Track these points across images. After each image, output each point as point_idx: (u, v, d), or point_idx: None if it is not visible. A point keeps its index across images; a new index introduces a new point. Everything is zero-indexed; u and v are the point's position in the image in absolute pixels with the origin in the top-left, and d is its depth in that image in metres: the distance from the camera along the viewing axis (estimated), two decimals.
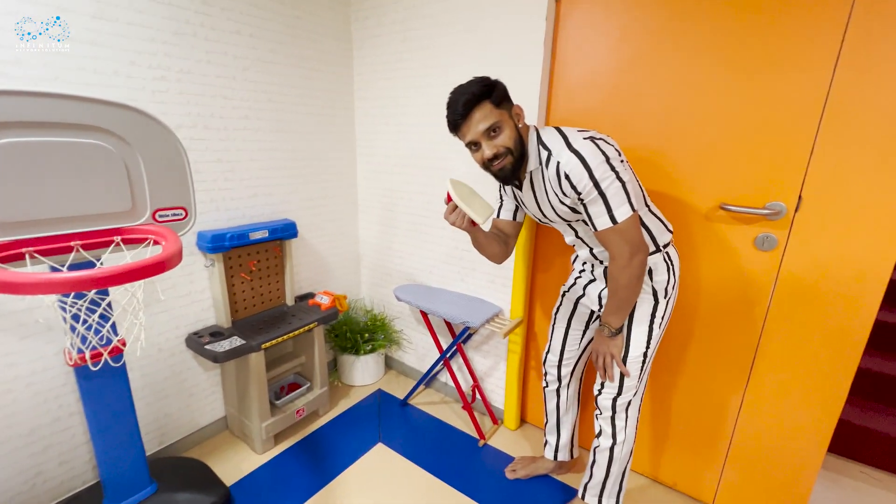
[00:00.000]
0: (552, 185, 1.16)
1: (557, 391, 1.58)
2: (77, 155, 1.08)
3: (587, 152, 1.07)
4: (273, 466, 1.77)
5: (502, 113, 1.13)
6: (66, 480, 1.51)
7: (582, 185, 1.07)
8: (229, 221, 1.81)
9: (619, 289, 1.17)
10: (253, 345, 1.67)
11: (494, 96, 1.11)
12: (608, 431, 1.35)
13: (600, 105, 1.51)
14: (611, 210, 1.08)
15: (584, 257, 1.37)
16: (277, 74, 1.86)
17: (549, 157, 1.14)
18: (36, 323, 1.35)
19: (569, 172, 1.08)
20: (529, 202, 1.29)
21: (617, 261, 1.13)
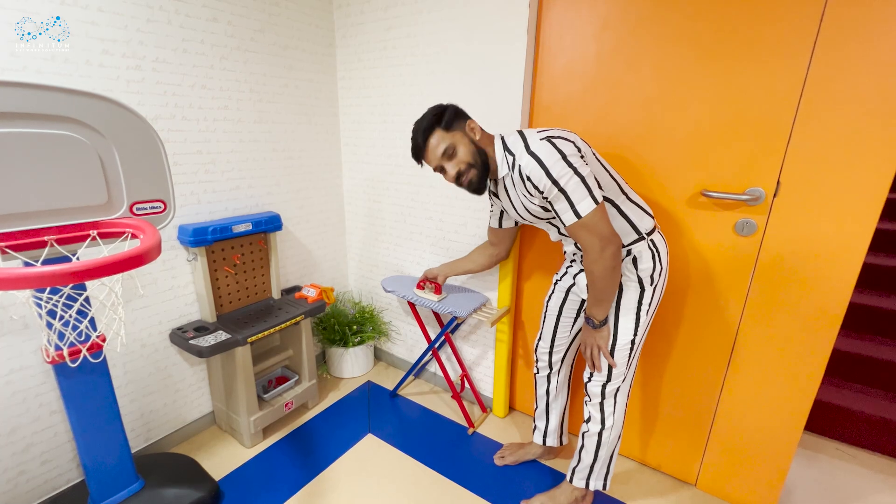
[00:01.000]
0: (519, 187, 1.22)
1: (548, 377, 1.61)
2: (48, 147, 1.04)
3: (543, 153, 1.12)
4: (262, 460, 1.76)
5: (454, 134, 1.25)
6: (50, 479, 1.49)
7: (542, 184, 1.13)
8: (211, 214, 1.78)
9: (595, 281, 1.20)
10: (239, 339, 1.66)
11: (444, 122, 1.24)
12: (597, 417, 1.37)
13: (582, 94, 1.51)
14: (573, 205, 1.12)
15: (569, 250, 1.40)
16: (258, 63, 1.82)
17: (514, 162, 1.20)
18: (11, 320, 1.32)
19: (529, 174, 1.14)
20: (508, 206, 1.37)
21: (589, 254, 1.16)
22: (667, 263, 1.29)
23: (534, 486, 1.64)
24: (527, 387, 2.02)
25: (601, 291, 1.21)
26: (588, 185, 1.11)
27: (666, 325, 1.54)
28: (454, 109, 1.27)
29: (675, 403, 1.60)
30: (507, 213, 1.42)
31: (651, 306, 1.28)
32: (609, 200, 1.22)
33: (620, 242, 1.16)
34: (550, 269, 1.77)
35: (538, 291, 1.84)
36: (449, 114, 1.25)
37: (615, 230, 1.16)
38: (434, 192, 1.97)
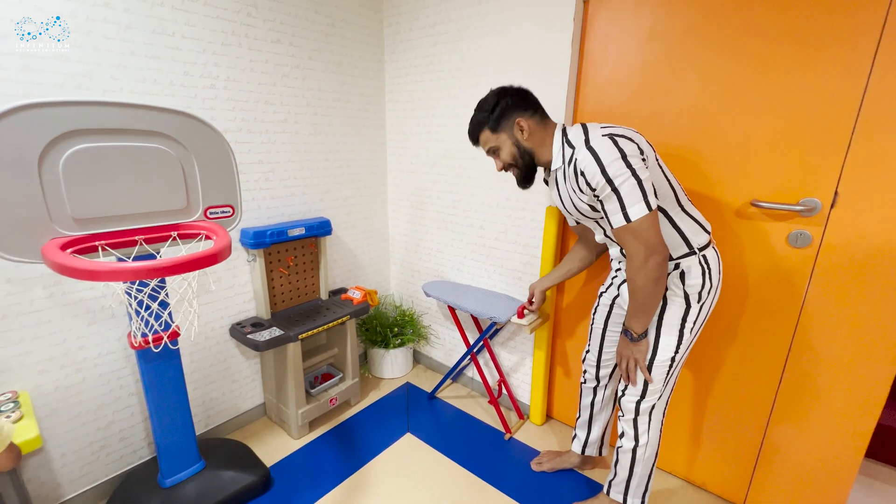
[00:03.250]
0: (571, 181, 1.18)
1: (594, 389, 1.57)
2: (141, 158, 1.19)
3: (602, 149, 1.07)
4: (308, 451, 1.87)
5: (499, 136, 1.27)
6: (126, 455, 1.66)
7: (595, 181, 1.09)
8: (269, 219, 1.92)
9: (636, 290, 1.15)
10: (291, 335, 1.78)
11: (491, 123, 1.26)
12: (630, 433, 1.34)
13: (627, 103, 1.52)
14: (624, 208, 1.07)
15: (614, 255, 1.35)
16: (314, 80, 1.96)
17: (572, 155, 1.15)
18: (102, 310, 1.49)
19: (583, 169, 1.10)
20: (555, 198, 1.34)
21: (632, 261, 1.12)
22: (718, 281, 1.23)
23: (570, 495, 1.63)
24: (565, 396, 2.02)
25: (641, 303, 1.16)
26: (644, 190, 1.06)
27: (716, 338, 1.50)
28: (506, 105, 1.24)
29: (724, 420, 1.55)
30: (555, 205, 1.41)
31: (696, 324, 1.22)
32: (662, 210, 1.17)
33: (667, 254, 1.11)
34: (592, 277, 1.78)
35: (579, 300, 1.85)
36: (499, 112, 1.24)
37: (663, 241, 1.11)
38: (475, 201, 2.03)
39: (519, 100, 1.25)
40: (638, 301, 1.17)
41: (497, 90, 1.27)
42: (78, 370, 1.48)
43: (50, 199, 1.07)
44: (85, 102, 1.08)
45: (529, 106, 1.25)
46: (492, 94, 1.27)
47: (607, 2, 1.50)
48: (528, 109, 1.25)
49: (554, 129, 1.26)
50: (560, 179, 1.26)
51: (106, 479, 1.61)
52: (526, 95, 1.26)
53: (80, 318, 1.45)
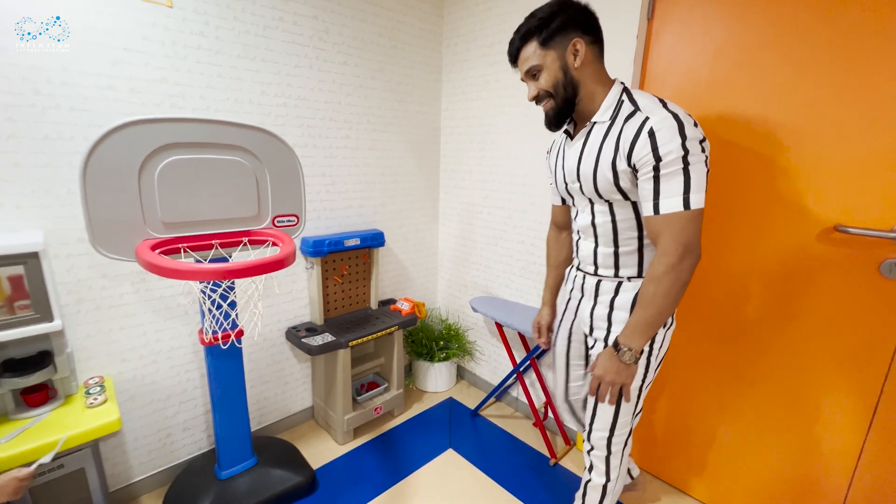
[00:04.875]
0: (622, 141, 0.99)
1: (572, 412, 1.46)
2: (222, 169, 1.31)
3: (689, 122, 0.94)
4: (352, 457, 1.90)
5: (547, 53, 1.03)
6: (187, 445, 1.77)
7: (668, 149, 0.92)
8: (327, 229, 2.02)
9: (656, 295, 0.98)
10: (342, 342, 1.84)
11: (545, 34, 1.02)
12: (601, 469, 1.25)
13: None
14: (688, 192, 0.92)
15: (581, 258, 1.21)
16: (375, 98, 2.06)
17: (632, 113, 0.99)
18: (177, 307, 1.62)
19: (658, 130, 0.93)
20: (570, 156, 1.14)
21: (664, 258, 0.96)
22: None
23: None
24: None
25: (658, 312, 0.99)
26: (706, 181, 0.96)
27: (798, 376, 1.38)
28: (567, 19, 1.01)
29: (802, 468, 1.41)
30: (560, 166, 1.19)
31: (662, 349, 1.13)
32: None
33: (699, 259, 0.99)
34: None
35: None
36: (558, 23, 1.01)
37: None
38: (527, 217, 2.02)
39: (583, 17, 1.03)
40: (654, 309, 0.99)
41: (554, 2, 1.03)
42: (154, 361, 1.61)
43: (145, 204, 1.19)
44: (179, 119, 1.21)
45: (592, 30, 1.04)
46: (552, 4, 1.03)
47: (673, 18, 1.47)
48: (590, 34, 1.03)
49: (610, 80, 1.08)
50: (594, 137, 1.06)
51: (169, 466, 1.72)
52: (590, 15, 1.04)
53: (159, 314, 1.59)
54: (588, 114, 1.09)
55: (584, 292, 1.22)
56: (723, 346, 1.50)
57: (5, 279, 1.15)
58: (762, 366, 1.43)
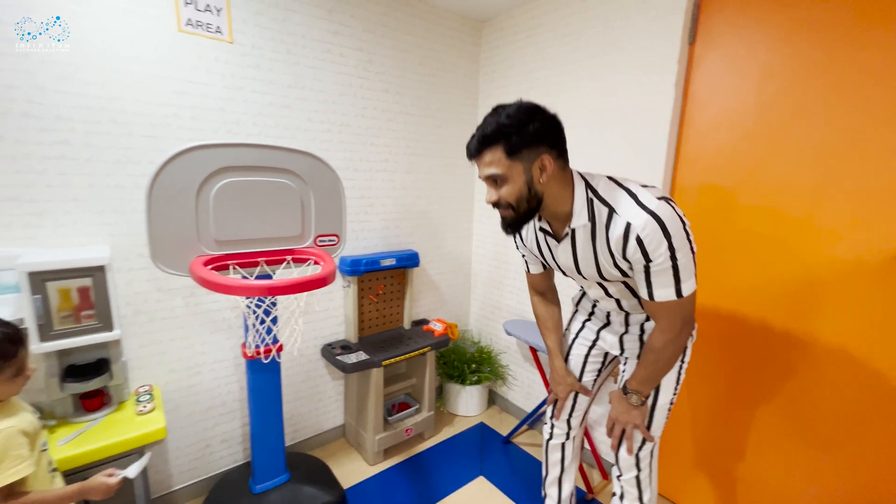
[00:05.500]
0: (613, 246, 1.00)
1: (563, 445, 1.47)
2: (270, 190, 1.38)
3: (667, 217, 0.94)
4: (382, 479, 1.88)
5: (513, 165, 0.96)
6: (225, 456, 1.81)
7: (658, 252, 0.95)
8: (364, 249, 2.07)
9: (659, 360, 1.10)
10: (375, 360, 1.85)
11: (512, 142, 0.94)
12: (633, 494, 1.23)
13: (735, 145, 1.43)
14: (679, 283, 0.98)
15: (602, 306, 1.27)
16: (414, 124, 2.13)
17: (610, 216, 0.99)
18: (222, 321, 1.70)
19: (644, 237, 0.94)
20: (564, 257, 1.13)
21: (665, 333, 1.06)
22: None
23: None
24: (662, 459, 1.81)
25: (661, 371, 1.12)
26: (695, 263, 1.00)
27: (853, 410, 1.27)
28: (537, 131, 0.95)
29: None
30: (553, 260, 1.18)
31: (686, 362, 1.19)
32: None
33: (694, 325, 1.10)
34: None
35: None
36: (525, 136, 0.94)
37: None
38: None
39: (552, 130, 0.97)
40: (658, 368, 1.12)
41: (528, 106, 0.96)
42: (198, 372, 1.68)
43: (201, 223, 1.27)
44: (235, 144, 1.30)
45: (559, 142, 1.00)
46: (522, 109, 0.96)
47: (717, 42, 1.45)
48: (557, 147, 0.99)
49: (572, 177, 1.04)
50: (581, 239, 1.06)
51: (206, 477, 1.77)
52: (559, 128, 0.99)
53: (205, 327, 1.66)
54: (558, 214, 1.07)
55: (609, 321, 1.29)
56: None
57: (74, 290, 1.25)
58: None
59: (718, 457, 1.60)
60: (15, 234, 1.27)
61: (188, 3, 1.44)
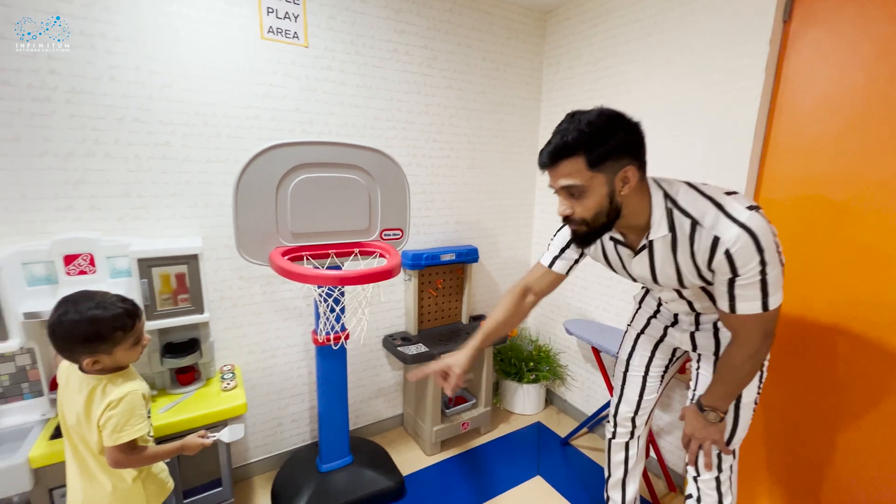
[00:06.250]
0: (698, 259, 0.94)
1: (627, 445, 1.41)
2: (341, 186, 1.45)
3: (760, 229, 0.87)
4: (439, 469, 1.92)
5: (595, 177, 0.90)
6: (293, 436, 1.94)
7: (748, 268, 0.89)
8: (425, 244, 2.11)
9: (738, 377, 1.03)
10: (434, 353, 1.88)
11: (594, 154, 0.88)
12: (713, 497, 1.14)
13: (842, 132, 1.27)
14: (766, 297, 0.91)
15: (672, 307, 1.21)
16: (476, 119, 2.13)
17: (694, 228, 0.93)
18: (294, 308, 1.81)
19: (734, 252, 0.88)
20: (639, 268, 1.07)
21: (745, 348, 0.99)
22: None
23: None
24: None
25: (739, 387, 1.05)
26: (783, 276, 0.93)
27: None
28: (622, 142, 0.89)
29: None
30: (626, 270, 1.13)
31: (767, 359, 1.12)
32: None
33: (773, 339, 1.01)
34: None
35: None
36: (609, 148, 0.88)
37: None
38: None
39: (635, 140, 0.91)
40: (736, 385, 1.05)
41: (611, 113, 0.90)
42: (272, 355, 1.81)
43: (279, 216, 1.37)
44: (311, 143, 1.38)
45: (642, 153, 0.94)
46: (604, 117, 0.89)
47: (818, 18, 1.30)
48: (640, 158, 0.93)
49: (648, 187, 0.98)
50: (661, 251, 1.00)
51: (277, 453, 1.90)
52: (642, 137, 0.93)
53: (279, 314, 1.79)
54: (634, 226, 1.01)
55: (677, 320, 1.24)
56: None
57: (173, 276, 1.40)
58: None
59: (799, 474, 1.45)
60: (127, 225, 1.45)
61: (270, 11, 1.54)
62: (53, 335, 0.94)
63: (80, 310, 0.93)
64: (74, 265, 1.31)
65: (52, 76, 1.27)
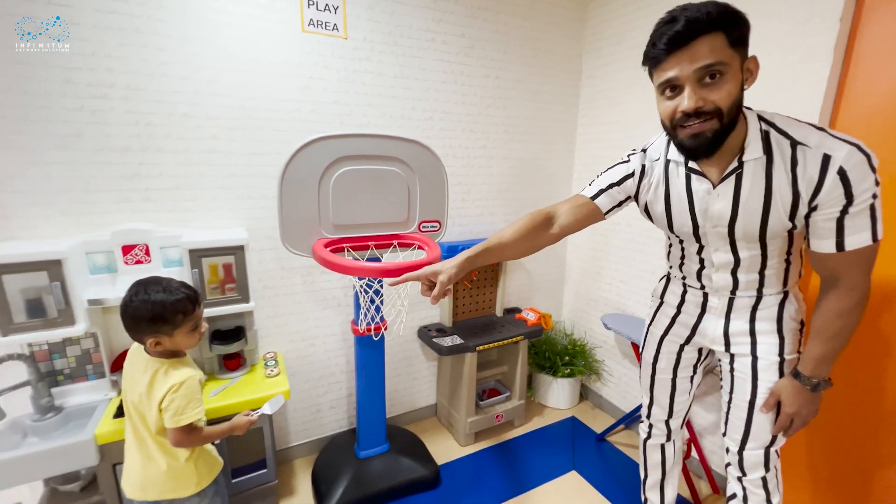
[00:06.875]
0: (802, 185, 0.86)
1: (663, 447, 1.36)
2: (380, 178, 1.45)
3: (868, 150, 0.83)
4: (473, 460, 1.93)
5: (734, 57, 0.81)
6: (331, 422, 1.99)
7: (862, 188, 0.82)
8: (460, 235, 2.10)
9: (846, 328, 0.93)
10: (470, 345, 1.88)
11: (734, 32, 0.80)
12: (760, 496, 1.07)
13: None
14: (876, 223, 0.84)
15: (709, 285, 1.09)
16: (514, 108, 2.09)
17: (795, 148, 0.86)
18: (333, 299, 1.85)
19: (849, 170, 0.81)
20: (720, 205, 0.96)
21: (852, 294, 0.90)
22: None
23: None
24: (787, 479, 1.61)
25: (844, 343, 0.95)
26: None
27: None
28: (749, 26, 0.84)
29: None
30: (674, 220, 1.05)
31: None
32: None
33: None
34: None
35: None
36: (745, 25, 0.83)
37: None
38: None
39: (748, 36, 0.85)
40: (841, 341, 0.95)
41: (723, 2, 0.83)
42: (311, 344, 1.86)
43: (322, 208, 1.39)
44: (353, 135, 1.38)
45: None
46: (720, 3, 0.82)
47: None
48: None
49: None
50: (752, 178, 0.91)
51: (316, 438, 1.96)
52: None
53: (319, 304, 1.83)
54: (725, 147, 0.91)
55: (705, 310, 1.13)
56: None
57: (220, 266, 1.45)
58: None
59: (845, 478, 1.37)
60: (178, 217, 1.50)
61: (310, 4, 1.55)
62: (124, 314, 1.00)
63: (148, 292, 1.00)
64: (132, 255, 1.38)
65: (109, 74, 1.32)
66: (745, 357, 1.08)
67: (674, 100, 0.87)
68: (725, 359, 1.13)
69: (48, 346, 1.35)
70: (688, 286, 1.17)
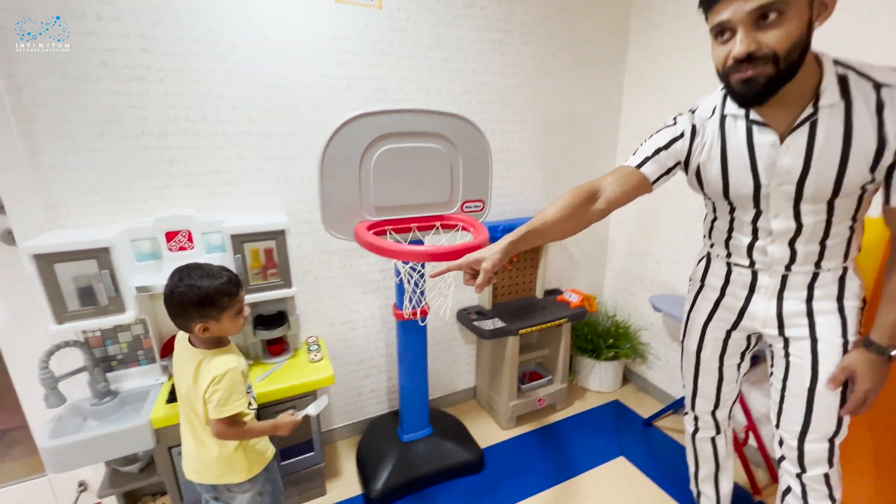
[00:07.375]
0: (889, 129, 0.79)
1: (713, 439, 1.30)
2: (423, 156, 1.38)
3: None
4: (516, 444, 1.90)
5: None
6: (372, 405, 1.99)
7: None
8: (500, 215, 2.02)
9: None
10: (512, 329, 1.83)
11: None
12: (822, 492, 0.99)
13: None
14: None
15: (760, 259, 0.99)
16: (555, 77, 1.96)
17: (879, 90, 0.79)
18: (372, 282, 1.82)
19: None
20: (789, 159, 0.86)
21: None
22: None
23: None
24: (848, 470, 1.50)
25: None
26: None
27: None
28: None
29: None
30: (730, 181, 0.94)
31: None
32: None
33: None
34: None
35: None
36: None
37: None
38: None
39: None
40: None
41: None
42: (352, 328, 1.84)
43: (363, 190, 1.33)
44: (394, 111, 1.31)
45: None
46: None
47: None
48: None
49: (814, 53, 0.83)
50: (829, 126, 0.82)
51: (357, 421, 1.97)
52: None
53: (358, 287, 1.80)
54: (792, 97, 0.82)
55: (753, 290, 1.04)
56: None
57: (262, 251, 1.42)
58: None
59: None
60: (217, 202, 1.48)
61: None
62: (170, 301, 0.98)
63: (192, 277, 0.98)
64: (175, 241, 1.37)
65: (144, 55, 1.28)
66: (802, 340, 0.99)
67: (727, 45, 0.79)
68: (778, 343, 1.04)
69: (101, 333, 1.36)
70: (733, 265, 1.06)
